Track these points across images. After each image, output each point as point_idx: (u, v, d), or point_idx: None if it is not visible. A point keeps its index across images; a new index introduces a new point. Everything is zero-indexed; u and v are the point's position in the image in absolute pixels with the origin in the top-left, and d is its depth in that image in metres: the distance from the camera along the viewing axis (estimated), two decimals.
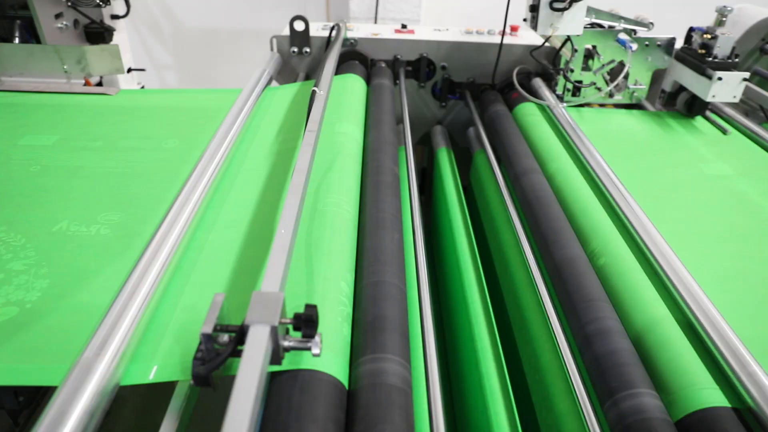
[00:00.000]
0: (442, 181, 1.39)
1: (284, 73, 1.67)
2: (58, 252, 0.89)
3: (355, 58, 1.66)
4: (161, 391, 0.72)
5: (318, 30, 1.70)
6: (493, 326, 0.93)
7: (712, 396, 0.66)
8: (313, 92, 1.05)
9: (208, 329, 0.54)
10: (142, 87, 1.84)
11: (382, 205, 0.94)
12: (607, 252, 0.94)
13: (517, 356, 1.00)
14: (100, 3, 1.59)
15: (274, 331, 0.53)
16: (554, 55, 1.54)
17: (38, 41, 1.57)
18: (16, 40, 1.55)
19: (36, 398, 1.62)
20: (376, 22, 2.77)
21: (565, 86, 1.55)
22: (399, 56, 1.68)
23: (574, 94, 1.56)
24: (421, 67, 1.70)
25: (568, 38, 1.48)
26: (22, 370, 0.69)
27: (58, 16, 1.57)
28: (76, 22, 1.65)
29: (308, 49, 1.64)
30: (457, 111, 1.82)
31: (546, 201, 1.10)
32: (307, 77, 1.67)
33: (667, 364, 0.72)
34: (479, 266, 1.07)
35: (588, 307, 0.83)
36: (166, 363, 0.68)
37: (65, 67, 1.53)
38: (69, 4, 1.57)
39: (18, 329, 0.74)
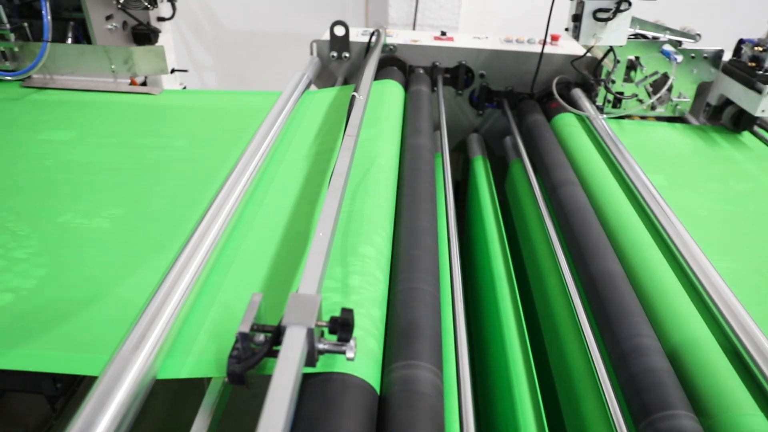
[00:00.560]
0: (477, 189, 1.38)
1: (323, 77, 1.69)
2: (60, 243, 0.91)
3: (393, 64, 1.66)
4: (190, 385, 0.73)
5: (358, 35, 1.72)
6: (525, 338, 0.91)
7: (756, 423, 0.64)
8: (353, 97, 1.06)
9: (245, 328, 0.55)
10: (184, 87, 1.89)
11: (417, 211, 0.94)
12: (644, 267, 0.92)
13: (548, 369, 0.98)
14: (148, 5, 1.64)
15: (310, 334, 0.54)
16: (596, 65, 1.52)
17: (89, 42, 1.63)
18: (69, 41, 1.60)
19: (72, 386, 1.67)
20: (414, 29, 2.78)
21: (605, 97, 1.53)
22: (437, 63, 1.68)
23: (614, 106, 1.54)
24: (459, 75, 1.70)
25: (611, 49, 1.45)
26: (63, 358, 0.71)
27: (108, 17, 1.62)
28: (124, 24, 1.70)
29: (347, 54, 1.66)
30: (493, 120, 1.81)
31: (583, 213, 1.09)
32: (346, 82, 1.68)
33: (708, 386, 0.70)
34: (512, 276, 1.06)
35: (624, 323, 0.81)
36: (201, 359, 0.69)
37: (113, 66, 1.58)
38: (119, 6, 1.62)
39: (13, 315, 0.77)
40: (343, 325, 0.56)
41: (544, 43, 1.59)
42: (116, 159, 1.17)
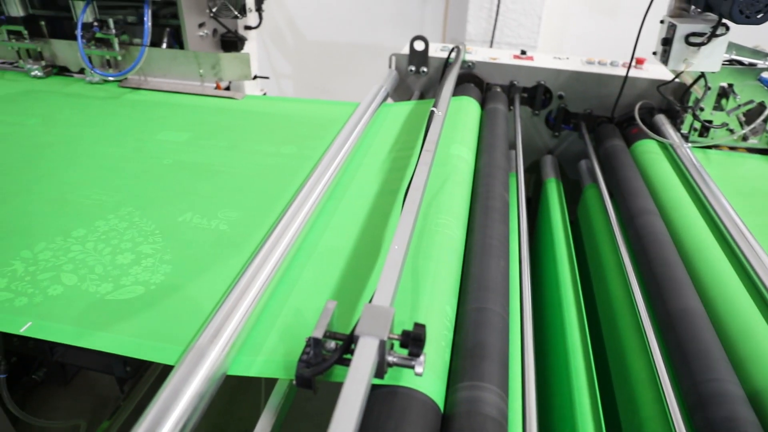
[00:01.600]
0: (549, 212, 1.35)
1: (399, 91, 1.71)
2: (181, 241, 0.96)
3: (471, 80, 1.66)
4: (247, 383, 0.74)
5: (436, 51, 1.73)
6: (591, 370, 0.88)
7: None
8: (432, 112, 1.07)
9: (319, 334, 0.56)
10: (264, 93, 1.96)
11: (490, 231, 0.93)
12: (727, 306, 0.87)
13: (615, 407, 0.94)
14: (238, 15, 1.72)
15: (382, 345, 0.54)
16: (683, 91, 1.46)
17: (181, 47, 1.72)
18: (164, 45, 1.70)
19: (140, 370, 1.75)
20: (491, 46, 2.77)
21: (692, 125, 1.46)
22: (515, 82, 1.66)
23: (701, 135, 1.46)
24: (537, 95, 1.67)
25: (702, 75, 1.39)
26: (139, 344, 0.75)
27: (201, 25, 1.71)
28: (214, 31, 1.79)
29: (425, 69, 1.67)
30: (569, 142, 1.77)
31: (662, 245, 1.04)
32: (422, 96, 1.69)
33: None
34: (582, 305, 1.03)
35: (704, 365, 0.77)
36: (270, 359, 0.71)
37: (201, 71, 1.66)
38: (211, 15, 1.71)
39: (141, 307, 0.81)
40: (414, 340, 0.56)
41: (630, 66, 1.54)
42: (198, 158, 1.23)
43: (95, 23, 1.64)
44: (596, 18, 2.82)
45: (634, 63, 1.62)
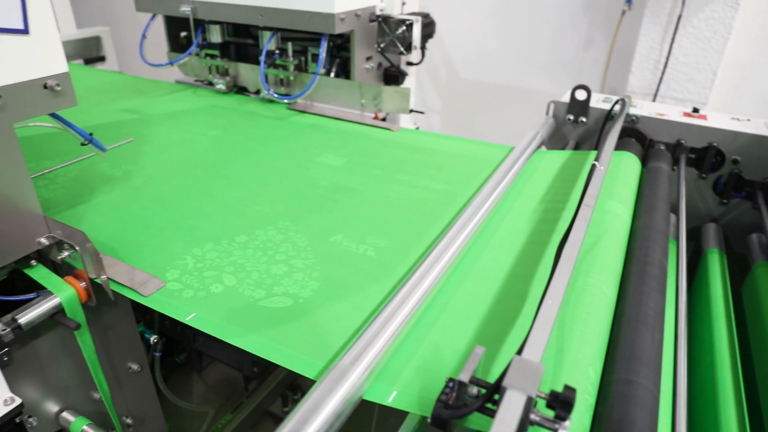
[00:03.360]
0: (709, 285, 1.23)
1: (554, 138, 1.67)
2: (330, 260, 1.01)
3: (633, 135, 1.58)
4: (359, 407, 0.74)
5: (597, 101, 1.67)
6: None
7: None
8: (593, 166, 1.03)
9: (465, 378, 0.56)
10: (417, 127, 2.02)
11: (645, 298, 0.87)
12: None
13: None
14: (403, 51, 1.80)
15: (529, 402, 0.53)
16: None
17: (347, 77, 1.84)
18: (332, 75, 1.84)
19: (265, 373, 1.85)
20: (654, 100, 2.62)
21: None
22: (683, 141, 1.55)
23: None
24: (706, 157, 1.54)
25: None
26: (284, 353, 0.79)
27: (368, 58, 1.82)
28: (379, 65, 1.89)
29: (584, 119, 1.62)
30: (739, 211, 1.60)
31: None
32: (577, 146, 1.64)
33: None
34: (742, 394, 0.92)
35: None
36: (405, 391, 0.71)
37: (363, 101, 1.76)
38: (379, 50, 1.81)
39: (287, 316, 0.86)
40: (564, 403, 0.53)
41: None
42: (352, 183, 1.30)
43: (277, 51, 1.81)
44: None
45: None
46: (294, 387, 1.82)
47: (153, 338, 1.27)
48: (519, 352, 0.60)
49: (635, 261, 0.98)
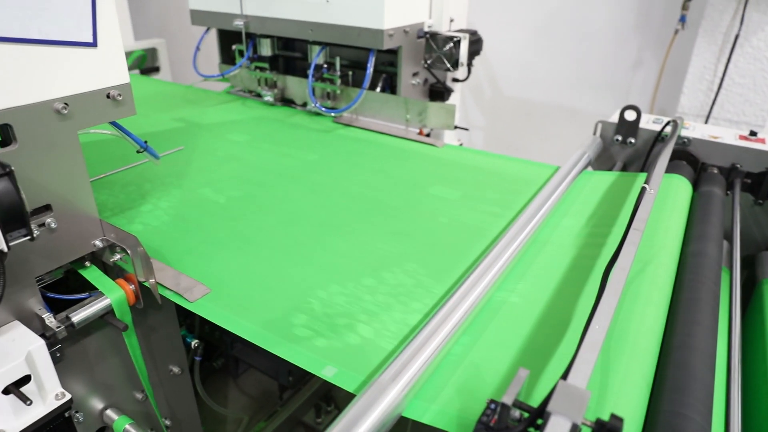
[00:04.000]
0: (764, 317, 1.18)
1: (600, 159, 1.64)
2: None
3: (683, 158, 1.54)
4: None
5: (647, 122, 1.63)
6: None
7: None
8: (643, 189, 1.01)
9: (508, 401, 0.55)
10: (461, 144, 2.01)
11: (695, 328, 0.84)
12: None
13: None
14: (450, 68, 1.80)
15: (574, 429, 0.51)
16: None
17: (393, 92, 1.86)
18: (378, 89, 1.85)
19: (300, 383, 1.86)
20: (706, 122, 2.54)
21: None
22: (738, 165, 1.50)
23: None
24: (764, 182, 1.48)
25: None
26: (322, 364, 0.80)
27: (414, 74, 1.84)
28: (425, 81, 1.90)
29: (633, 140, 1.59)
30: None
31: None
32: (624, 168, 1.61)
33: None
34: None
35: None
36: (444, 410, 0.71)
37: (408, 116, 1.77)
38: (426, 66, 1.82)
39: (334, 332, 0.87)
40: None
41: None
42: (423, 207, 1.30)
43: (325, 65, 1.85)
44: None
45: None
46: (328, 398, 1.83)
47: (194, 343, 1.29)
48: (564, 376, 0.59)
49: (685, 289, 0.94)
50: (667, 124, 1.53)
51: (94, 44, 0.80)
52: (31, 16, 0.72)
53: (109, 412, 1.06)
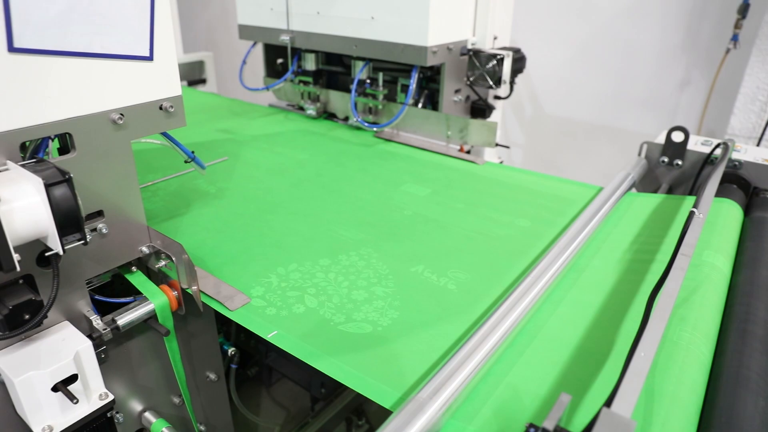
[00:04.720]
0: None
1: (645, 181, 1.60)
2: (411, 290, 1.01)
3: (734, 181, 1.49)
4: None
5: (695, 144, 1.59)
6: None
7: None
8: (691, 213, 0.98)
9: (550, 426, 0.54)
10: (501, 162, 2.00)
11: (747, 360, 0.80)
12: None
13: None
14: (492, 85, 1.80)
15: None
16: None
17: (434, 108, 1.86)
18: (419, 105, 1.86)
19: (332, 395, 1.87)
20: (758, 144, 2.45)
21: None
22: None
23: None
24: None
25: None
26: (361, 379, 0.79)
27: (456, 91, 1.84)
28: (467, 98, 1.90)
29: (680, 162, 1.55)
30: None
31: None
32: (670, 190, 1.56)
33: None
34: None
35: None
36: (481, 431, 0.70)
37: (449, 132, 1.77)
38: (468, 83, 1.82)
39: (365, 343, 0.87)
40: None
41: None
42: (435, 214, 1.30)
43: (367, 80, 1.87)
44: None
45: None
46: (359, 412, 1.82)
47: (231, 350, 1.31)
48: (608, 404, 0.57)
49: (735, 318, 0.91)
50: (718, 146, 1.48)
51: (150, 58, 0.83)
52: (95, 32, 0.75)
53: (147, 414, 1.08)
